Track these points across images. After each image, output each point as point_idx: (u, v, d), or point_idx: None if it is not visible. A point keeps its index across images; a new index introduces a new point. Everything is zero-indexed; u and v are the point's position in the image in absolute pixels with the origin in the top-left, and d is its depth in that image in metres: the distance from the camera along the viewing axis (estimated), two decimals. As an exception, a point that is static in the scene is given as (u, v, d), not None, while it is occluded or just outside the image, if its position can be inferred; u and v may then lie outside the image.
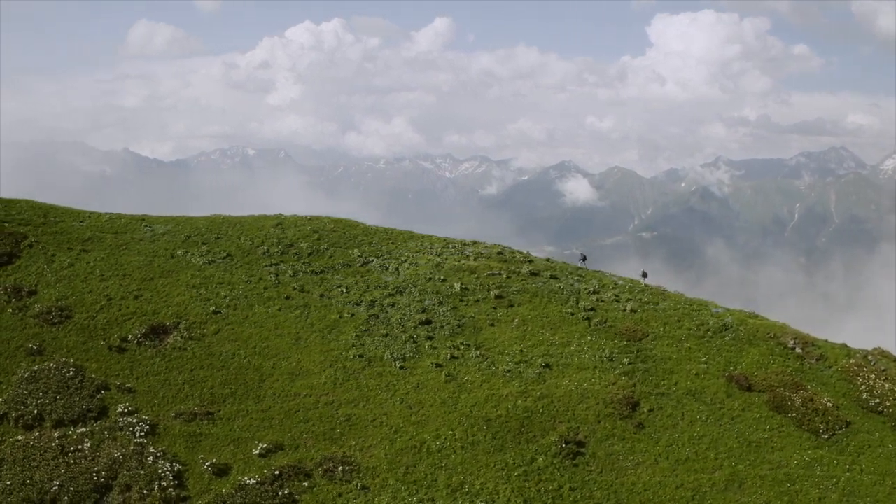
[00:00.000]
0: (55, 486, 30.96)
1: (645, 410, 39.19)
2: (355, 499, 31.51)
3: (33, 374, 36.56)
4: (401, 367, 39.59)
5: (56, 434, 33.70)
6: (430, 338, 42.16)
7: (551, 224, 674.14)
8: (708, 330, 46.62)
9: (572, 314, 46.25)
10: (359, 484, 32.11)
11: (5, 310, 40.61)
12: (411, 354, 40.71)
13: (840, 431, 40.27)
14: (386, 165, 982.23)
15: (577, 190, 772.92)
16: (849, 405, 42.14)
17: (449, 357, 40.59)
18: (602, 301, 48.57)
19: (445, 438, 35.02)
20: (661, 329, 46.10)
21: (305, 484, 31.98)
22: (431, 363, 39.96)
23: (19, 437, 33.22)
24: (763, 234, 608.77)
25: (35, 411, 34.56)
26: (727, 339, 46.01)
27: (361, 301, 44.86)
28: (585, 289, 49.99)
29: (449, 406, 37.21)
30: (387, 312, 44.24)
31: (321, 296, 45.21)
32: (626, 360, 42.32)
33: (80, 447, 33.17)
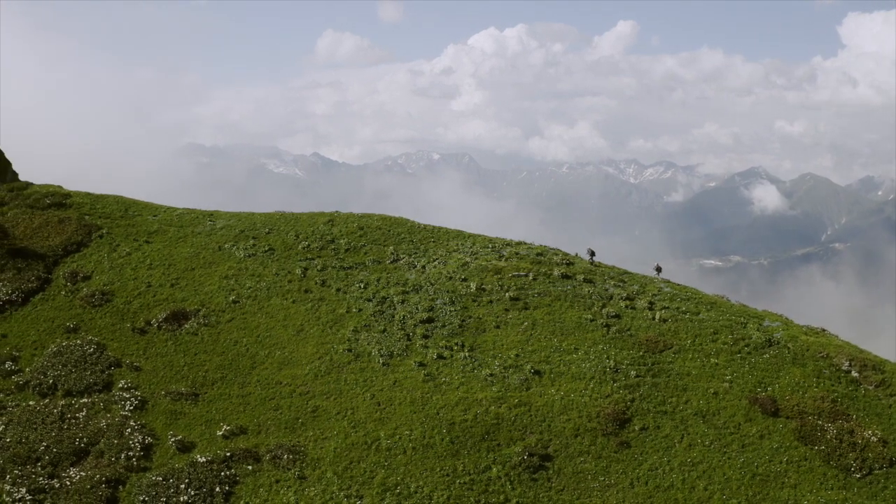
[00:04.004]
0: (43, 446, 34.63)
1: (636, 428, 35.80)
2: (290, 486, 31.99)
3: (60, 349, 41.05)
4: (384, 364, 39.43)
5: (62, 403, 37.61)
6: (426, 336, 41.55)
7: (738, 233, 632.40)
8: (746, 345, 41.55)
9: (592, 320, 43.31)
10: (298, 473, 32.56)
11: (60, 292, 45.91)
12: (400, 352, 40.38)
13: (879, 471, 34.22)
14: (569, 170, 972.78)
15: (766, 198, 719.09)
16: (903, 443, 35.60)
17: (436, 357, 39.76)
18: (633, 308, 44.96)
19: (400, 437, 34.40)
20: (690, 341, 41.80)
21: (250, 467, 33.02)
22: (416, 362, 39.38)
23: (31, 403, 37.49)
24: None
25: (51, 381, 38.80)
26: (767, 356, 40.72)
27: (373, 297, 45.21)
28: (620, 294, 46.54)
29: (417, 406, 36.48)
30: (394, 309, 44.21)
31: (338, 290, 46.19)
32: (632, 373, 38.93)
33: (77, 416, 36.75)
